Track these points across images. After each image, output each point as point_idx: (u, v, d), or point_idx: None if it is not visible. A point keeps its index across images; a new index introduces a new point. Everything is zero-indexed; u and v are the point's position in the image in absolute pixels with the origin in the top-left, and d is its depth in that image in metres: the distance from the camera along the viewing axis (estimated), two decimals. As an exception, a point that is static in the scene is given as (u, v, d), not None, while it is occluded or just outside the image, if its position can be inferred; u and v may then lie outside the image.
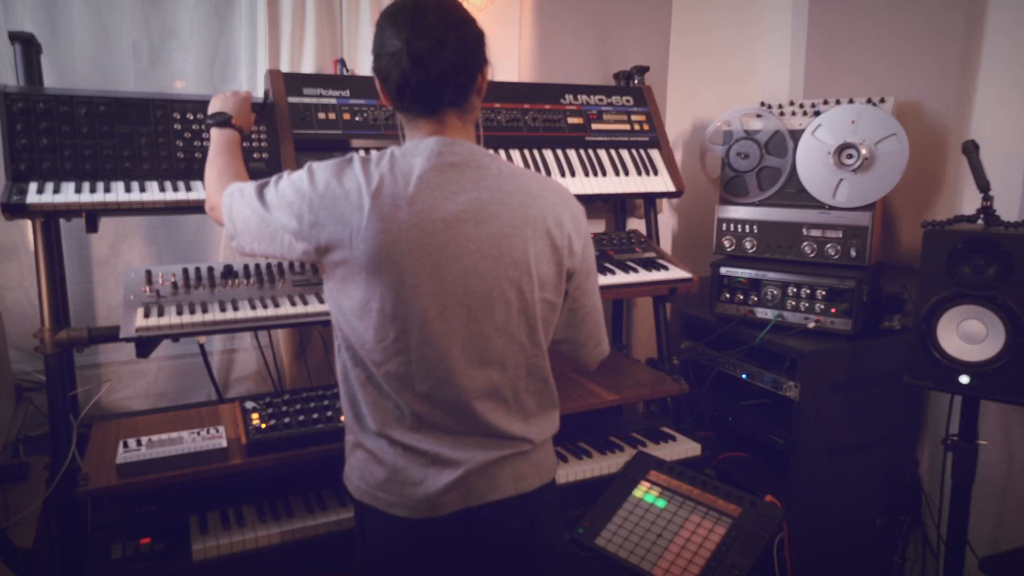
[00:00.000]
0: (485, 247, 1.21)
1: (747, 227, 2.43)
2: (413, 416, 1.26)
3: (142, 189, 1.71)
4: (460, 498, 1.27)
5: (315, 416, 1.78)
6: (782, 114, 2.38)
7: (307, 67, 2.26)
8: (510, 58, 2.56)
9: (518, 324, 1.27)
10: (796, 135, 2.33)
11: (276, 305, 1.77)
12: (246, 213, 1.28)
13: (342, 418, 1.79)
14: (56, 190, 1.63)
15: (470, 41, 1.21)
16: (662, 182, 2.35)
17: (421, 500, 1.26)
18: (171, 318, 1.66)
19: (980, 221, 1.88)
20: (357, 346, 1.25)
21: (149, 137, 1.78)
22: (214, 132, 1.61)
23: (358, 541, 1.37)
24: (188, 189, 1.75)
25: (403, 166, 1.20)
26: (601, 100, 2.40)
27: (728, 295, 2.43)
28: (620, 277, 2.13)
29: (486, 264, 1.21)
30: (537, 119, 2.25)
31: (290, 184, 1.23)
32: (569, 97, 2.36)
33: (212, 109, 1.66)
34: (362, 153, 1.27)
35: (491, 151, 1.30)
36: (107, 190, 1.67)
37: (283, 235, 1.23)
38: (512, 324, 1.26)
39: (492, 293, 1.23)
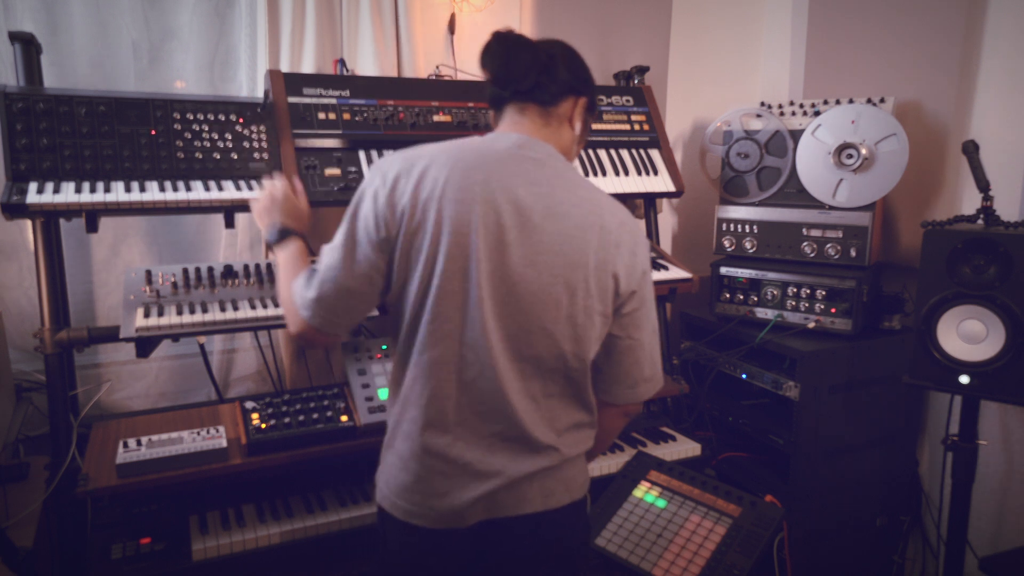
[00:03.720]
0: (549, 241, 1.21)
1: (747, 227, 2.43)
2: (453, 410, 1.23)
3: (142, 189, 1.71)
4: (484, 510, 1.25)
5: (315, 416, 1.78)
6: (782, 114, 2.38)
7: (307, 67, 2.26)
8: (510, 58, 2.56)
9: (563, 329, 1.23)
10: (796, 135, 2.32)
11: (276, 305, 1.77)
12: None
13: (343, 418, 1.79)
14: (56, 190, 1.63)
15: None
16: (662, 182, 2.35)
17: (446, 511, 1.23)
18: (171, 318, 1.66)
19: (980, 221, 1.88)
20: (408, 331, 1.24)
21: (149, 137, 1.78)
22: (279, 251, 1.47)
23: (380, 544, 1.35)
24: (188, 189, 1.75)
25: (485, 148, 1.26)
26: (601, 100, 2.40)
27: (728, 295, 2.43)
28: (620, 277, 2.12)
29: (547, 260, 1.21)
30: (537, 119, 2.25)
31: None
32: (569, 97, 2.35)
33: (262, 223, 1.53)
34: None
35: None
36: (107, 190, 1.67)
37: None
38: (557, 327, 1.23)
39: (546, 289, 1.21)
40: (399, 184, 1.20)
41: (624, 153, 2.37)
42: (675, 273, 2.20)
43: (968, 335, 1.79)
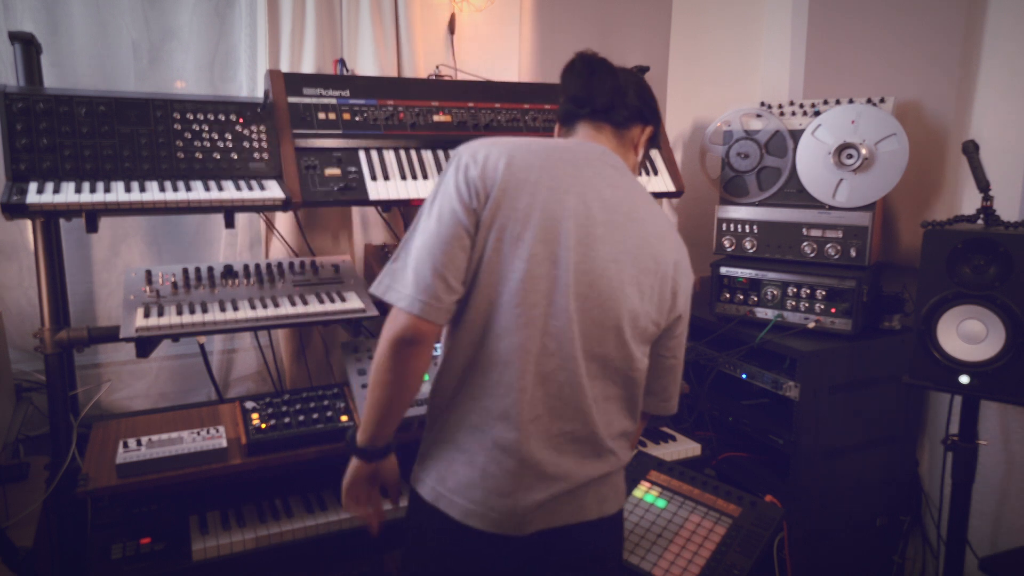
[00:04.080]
0: (629, 242, 1.23)
1: (747, 227, 2.43)
2: (527, 404, 1.18)
3: (142, 189, 1.71)
4: (544, 518, 1.21)
5: (315, 416, 1.78)
6: (782, 114, 2.38)
7: (307, 67, 2.26)
8: (510, 58, 2.56)
9: (630, 331, 1.24)
10: (796, 135, 2.32)
11: (276, 305, 1.77)
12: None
13: (343, 418, 1.79)
14: (56, 190, 1.63)
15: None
16: (662, 182, 2.35)
17: (508, 513, 1.19)
18: (171, 318, 1.66)
19: (980, 221, 1.88)
20: (482, 314, 1.19)
21: (149, 137, 1.78)
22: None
23: (412, 545, 1.30)
24: (188, 189, 1.75)
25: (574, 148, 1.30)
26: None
27: (728, 295, 2.43)
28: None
29: (626, 259, 1.23)
30: (537, 119, 2.25)
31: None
32: (569, 97, 2.35)
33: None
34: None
35: None
36: (107, 190, 1.67)
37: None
38: (626, 328, 1.23)
39: (623, 288, 1.22)
40: (490, 161, 1.19)
41: (624, 153, 2.37)
42: (675, 273, 2.20)
43: (968, 335, 1.79)
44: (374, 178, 1.92)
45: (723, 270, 2.43)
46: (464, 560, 1.23)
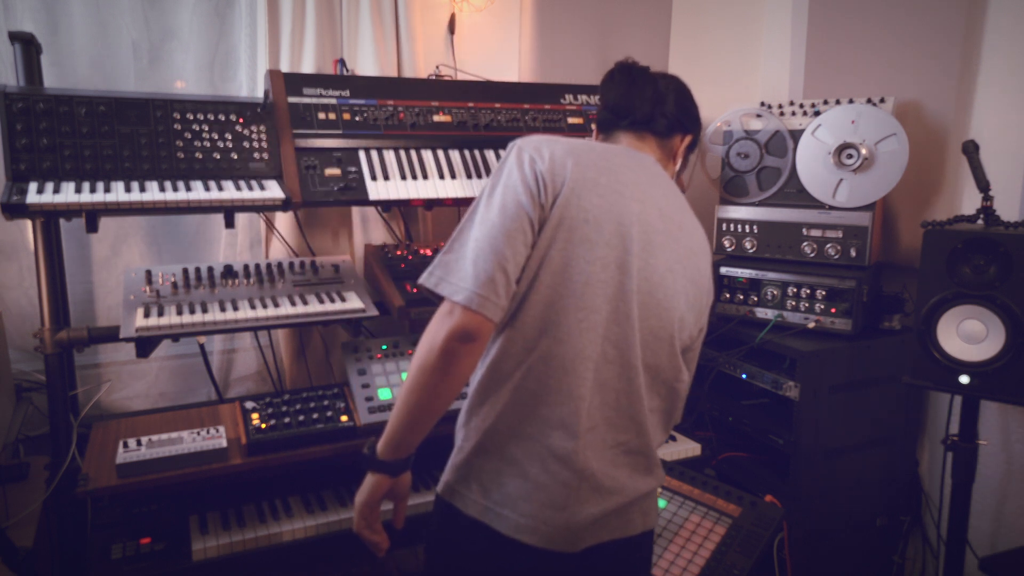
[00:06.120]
0: (681, 252, 1.22)
1: (747, 227, 2.43)
2: (585, 413, 1.12)
3: (142, 189, 1.71)
4: (595, 532, 1.15)
5: (315, 416, 1.78)
6: (782, 114, 2.38)
7: (307, 67, 2.26)
8: (510, 58, 2.56)
9: (679, 342, 1.23)
10: (796, 135, 2.32)
11: (276, 305, 1.77)
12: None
13: (343, 418, 1.79)
14: (56, 190, 1.63)
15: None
16: (662, 182, 2.35)
17: (562, 528, 1.12)
18: (171, 318, 1.66)
19: (980, 221, 1.88)
20: (539, 317, 1.13)
21: (149, 137, 1.78)
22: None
23: (443, 561, 1.23)
24: (188, 189, 1.75)
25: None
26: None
27: (728, 295, 2.43)
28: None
29: (679, 269, 1.21)
30: (537, 119, 2.25)
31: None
32: (569, 97, 2.35)
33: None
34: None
35: None
36: (107, 190, 1.67)
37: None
38: (676, 340, 1.22)
39: (677, 297, 1.20)
40: (556, 157, 1.15)
41: (624, 153, 2.37)
42: (675, 273, 2.20)
43: (968, 335, 1.79)
44: (374, 178, 1.92)
45: (723, 270, 2.43)
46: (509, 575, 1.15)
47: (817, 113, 2.30)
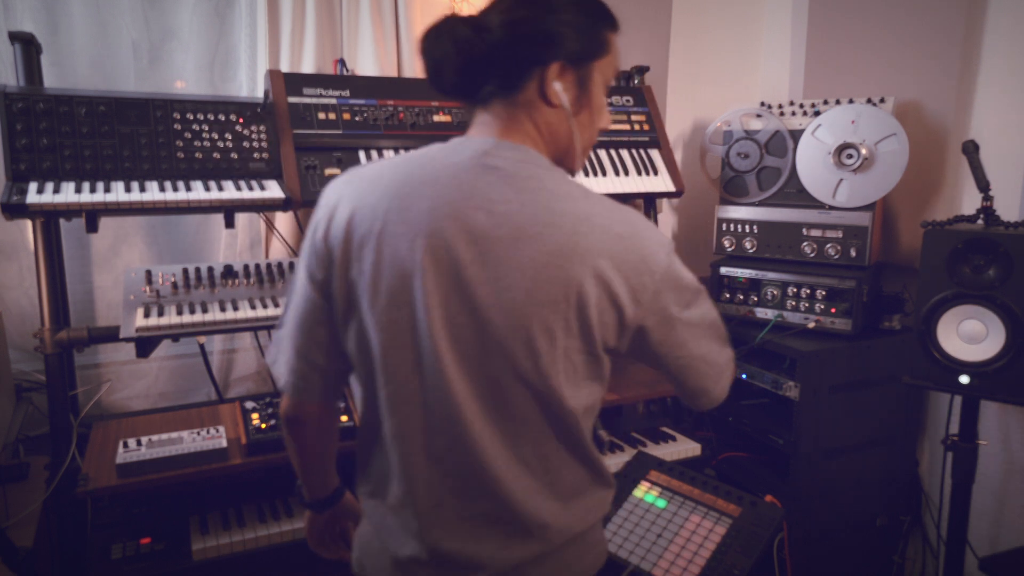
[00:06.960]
0: (516, 274, 0.94)
1: (747, 227, 2.43)
2: (423, 491, 1.01)
3: (142, 189, 1.71)
4: None
5: (315, 416, 1.78)
6: (782, 114, 2.38)
7: (307, 67, 2.26)
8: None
9: (550, 378, 0.97)
10: (796, 135, 2.32)
11: (276, 305, 1.77)
12: None
13: (343, 418, 1.79)
14: (56, 190, 1.63)
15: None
16: (662, 182, 2.35)
17: None
18: (171, 318, 1.66)
19: (980, 221, 1.88)
20: (363, 398, 1.06)
21: (149, 137, 1.78)
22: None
23: None
24: (188, 189, 1.75)
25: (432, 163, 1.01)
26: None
27: (728, 295, 2.43)
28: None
29: (513, 296, 0.94)
30: (537, 119, 2.25)
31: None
32: (569, 97, 2.35)
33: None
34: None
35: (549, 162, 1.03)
36: (107, 190, 1.67)
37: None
38: (539, 377, 0.96)
39: (519, 333, 0.94)
40: (337, 213, 1.01)
41: (624, 153, 2.37)
42: (675, 273, 2.20)
43: (968, 335, 1.79)
44: (374, 178, 1.92)
45: (723, 270, 2.43)
46: None
47: (817, 113, 2.30)
